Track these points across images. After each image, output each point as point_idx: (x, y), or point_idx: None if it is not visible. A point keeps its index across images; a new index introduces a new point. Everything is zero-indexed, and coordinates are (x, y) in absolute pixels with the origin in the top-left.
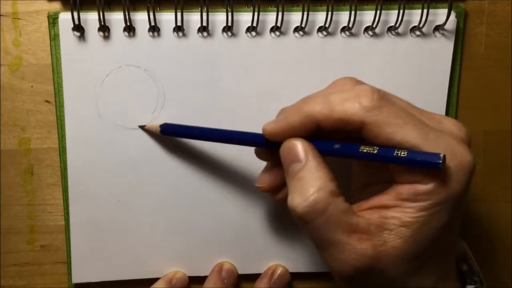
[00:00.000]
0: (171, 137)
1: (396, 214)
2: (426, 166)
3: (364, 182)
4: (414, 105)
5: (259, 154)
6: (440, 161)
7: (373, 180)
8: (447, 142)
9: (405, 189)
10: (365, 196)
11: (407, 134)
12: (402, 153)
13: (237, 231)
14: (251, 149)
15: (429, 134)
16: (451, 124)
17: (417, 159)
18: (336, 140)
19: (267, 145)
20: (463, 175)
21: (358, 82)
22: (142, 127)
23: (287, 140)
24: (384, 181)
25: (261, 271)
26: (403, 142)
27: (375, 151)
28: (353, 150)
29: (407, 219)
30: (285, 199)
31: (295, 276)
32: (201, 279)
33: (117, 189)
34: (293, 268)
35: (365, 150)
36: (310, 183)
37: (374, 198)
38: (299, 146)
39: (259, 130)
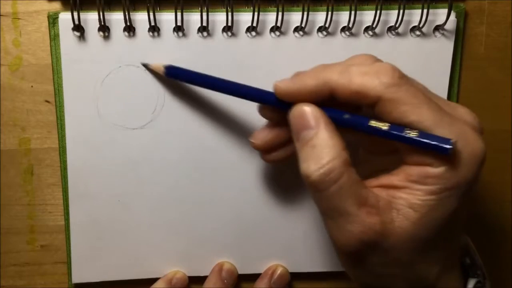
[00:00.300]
0: (176, 80)
1: (404, 195)
2: (436, 149)
3: (370, 170)
4: (430, 90)
5: (263, 111)
6: (450, 146)
7: (379, 168)
8: (461, 128)
9: (415, 170)
10: (378, 175)
11: (421, 115)
12: (413, 133)
13: (237, 231)
14: (252, 150)
15: (444, 118)
16: (465, 112)
17: (427, 141)
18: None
19: (275, 103)
20: (474, 163)
21: (378, 60)
22: (145, 65)
23: (298, 104)
24: (390, 170)
25: (261, 271)
26: (417, 122)
27: (386, 128)
28: (363, 122)
29: (415, 201)
30: (275, 161)
31: (295, 276)
32: (201, 279)
33: (117, 189)
34: (293, 268)
35: (375, 125)
36: (324, 151)
37: (383, 177)
38: (312, 113)
39: (275, 81)
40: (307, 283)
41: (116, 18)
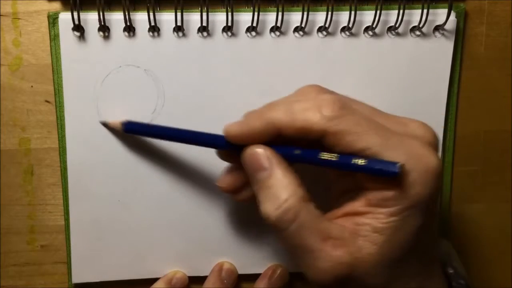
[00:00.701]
0: (134, 135)
1: (368, 221)
2: (383, 174)
3: (341, 189)
4: (379, 110)
5: (221, 155)
6: (397, 170)
7: (349, 187)
8: (411, 146)
9: (374, 195)
10: (343, 202)
11: (367, 141)
12: (361, 161)
13: (237, 231)
14: None
15: (391, 139)
16: (417, 127)
17: (374, 167)
18: (299, 146)
19: (229, 147)
20: (429, 178)
21: (322, 91)
22: (104, 124)
23: (250, 147)
24: (357, 188)
25: (261, 271)
26: (365, 149)
27: (335, 159)
28: (313, 156)
29: (379, 225)
30: (245, 200)
31: (295, 276)
32: (201, 279)
33: (117, 189)
34: (293, 268)
35: (325, 157)
36: (279, 190)
37: (346, 205)
38: (263, 154)
39: (225, 125)
40: (307, 283)
41: (116, 18)
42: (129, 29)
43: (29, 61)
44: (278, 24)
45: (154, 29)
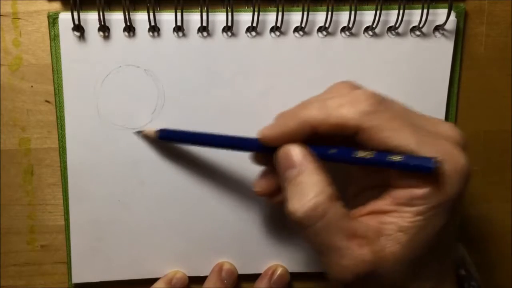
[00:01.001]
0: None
1: (393, 219)
2: (420, 169)
3: (362, 186)
4: (411, 108)
5: (255, 160)
6: (432, 166)
7: (370, 184)
8: (443, 146)
9: (401, 193)
10: (362, 200)
11: (402, 138)
12: (397, 157)
13: (237, 231)
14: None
15: (424, 138)
16: (447, 128)
17: (411, 163)
18: (333, 144)
19: (263, 150)
20: (458, 179)
21: (355, 87)
22: (138, 133)
23: (283, 146)
24: (381, 185)
25: (261, 271)
26: (399, 146)
27: (371, 156)
28: (349, 155)
29: (405, 224)
30: (281, 202)
31: (295, 276)
32: (201, 279)
33: (117, 189)
34: (293, 268)
35: (360, 155)
36: (308, 187)
37: (371, 203)
38: (295, 151)
39: (259, 129)
40: (307, 283)
41: (116, 18)
42: (129, 29)
43: (29, 61)
44: (278, 24)
45: (154, 29)
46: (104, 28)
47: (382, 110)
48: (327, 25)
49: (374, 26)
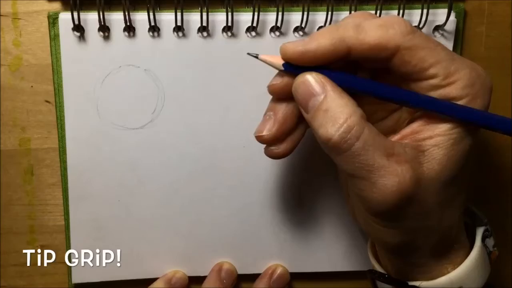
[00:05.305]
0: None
1: (428, 133)
2: (501, 129)
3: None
4: None
5: (272, 89)
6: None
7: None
8: (471, 63)
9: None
10: (392, 133)
11: (439, 55)
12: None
13: (236, 231)
14: (252, 150)
15: (454, 55)
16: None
17: (492, 121)
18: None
19: (287, 69)
20: (487, 93)
21: (376, 15)
22: (254, 56)
23: (300, 75)
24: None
25: (261, 271)
26: (435, 63)
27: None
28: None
29: (440, 137)
30: (280, 154)
31: (295, 276)
32: (201, 279)
33: (117, 189)
34: (293, 268)
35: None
36: (338, 111)
37: (403, 130)
38: (315, 78)
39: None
40: (307, 283)
41: (116, 18)
42: (129, 29)
43: (29, 61)
44: (278, 24)
45: (154, 29)
46: (104, 28)
47: (416, 30)
48: (327, 25)
49: None
